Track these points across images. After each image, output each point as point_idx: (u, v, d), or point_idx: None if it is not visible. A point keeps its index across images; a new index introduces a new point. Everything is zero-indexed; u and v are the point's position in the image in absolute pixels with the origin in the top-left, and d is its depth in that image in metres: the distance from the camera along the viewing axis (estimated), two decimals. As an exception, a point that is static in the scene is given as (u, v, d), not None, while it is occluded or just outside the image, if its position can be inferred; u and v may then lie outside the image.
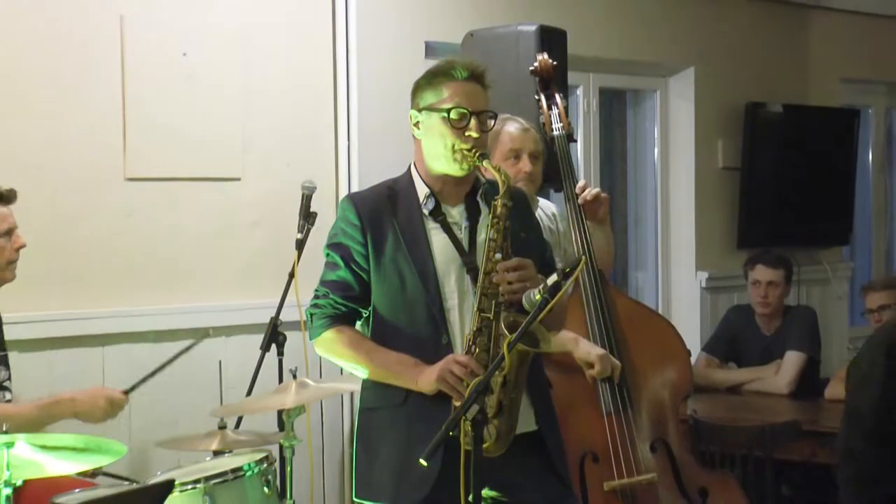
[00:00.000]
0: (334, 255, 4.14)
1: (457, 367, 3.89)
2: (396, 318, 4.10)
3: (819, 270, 8.89)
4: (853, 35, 9.15)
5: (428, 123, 4.08)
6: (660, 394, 5.34)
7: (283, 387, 4.93)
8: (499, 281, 3.91)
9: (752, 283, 7.24)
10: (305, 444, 5.35)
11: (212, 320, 5.95)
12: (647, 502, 5.20)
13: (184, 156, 5.99)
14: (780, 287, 7.17)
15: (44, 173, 5.40)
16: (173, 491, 4.23)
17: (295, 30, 6.37)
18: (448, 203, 4.13)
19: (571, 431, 4.90)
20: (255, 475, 4.62)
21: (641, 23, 7.85)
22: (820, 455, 6.24)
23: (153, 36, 5.87)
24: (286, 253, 5.47)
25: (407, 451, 3.93)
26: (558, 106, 5.44)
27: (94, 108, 5.72)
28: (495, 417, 3.83)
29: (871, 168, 9.69)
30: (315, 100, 6.46)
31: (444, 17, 6.77)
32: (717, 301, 8.13)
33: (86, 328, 5.64)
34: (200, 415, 5.16)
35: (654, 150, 8.31)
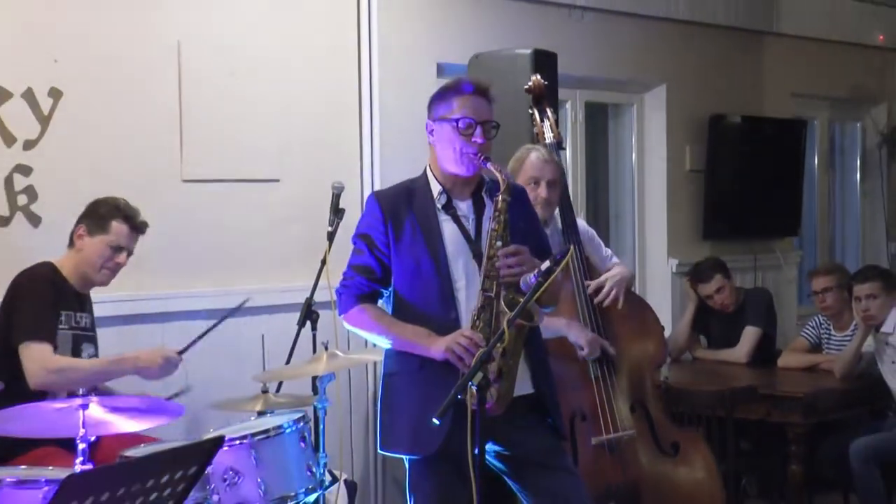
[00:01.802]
0: (360, 242, 4.17)
1: (463, 339, 3.92)
2: (412, 297, 4.12)
3: (773, 258, 8.88)
4: (802, 57, 9.15)
5: (440, 132, 4.10)
6: (638, 363, 5.35)
7: (317, 357, 4.94)
8: (500, 264, 3.93)
9: (705, 298, 7.27)
10: (335, 405, 5.35)
11: (255, 301, 5.95)
12: (628, 454, 5.21)
13: (232, 161, 5.99)
14: (726, 287, 7.21)
15: (113, 176, 5.40)
16: (223, 445, 4.26)
17: (326, 53, 6.36)
18: (458, 199, 4.15)
19: (563, 395, 4.87)
20: (293, 432, 4.62)
21: (621, 47, 7.84)
22: (774, 415, 6.25)
23: (205, 58, 5.87)
24: (318, 243, 5.46)
25: (422, 411, 3.93)
26: (549, 118, 5.44)
27: (156, 120, 5.72)
28: (496, 381, 3.84)
29: (817, 171, 9.66)
30: (343, 113, 6.45)
31: (453, 41, 6.77)
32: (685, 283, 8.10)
33: (149, 307, 5.66)
34: (246, 381, 5.16)
35: (632, 156, 8.29)
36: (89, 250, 4.88)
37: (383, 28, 6.51)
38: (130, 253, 4.95)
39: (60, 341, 4.77)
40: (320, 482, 4.69)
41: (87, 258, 4.89)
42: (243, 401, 4.89)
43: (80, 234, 4.89)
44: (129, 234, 4.92)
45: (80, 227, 4.89)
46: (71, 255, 4.91)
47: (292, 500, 4.57)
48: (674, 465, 5.30)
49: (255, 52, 6.06)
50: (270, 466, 4.50)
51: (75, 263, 4.90)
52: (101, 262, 4.89)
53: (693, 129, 8.32)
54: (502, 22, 7.03)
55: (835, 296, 6.89)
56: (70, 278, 4.89)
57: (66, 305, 4.84)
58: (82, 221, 4.90)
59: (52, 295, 4.79)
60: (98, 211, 4.90)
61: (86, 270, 4.91)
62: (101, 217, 4.88)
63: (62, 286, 4.85)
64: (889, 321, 6.40)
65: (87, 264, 4.90)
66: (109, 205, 4.92)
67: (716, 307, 7.20)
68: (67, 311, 4.84)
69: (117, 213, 4.89)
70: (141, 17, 5.67)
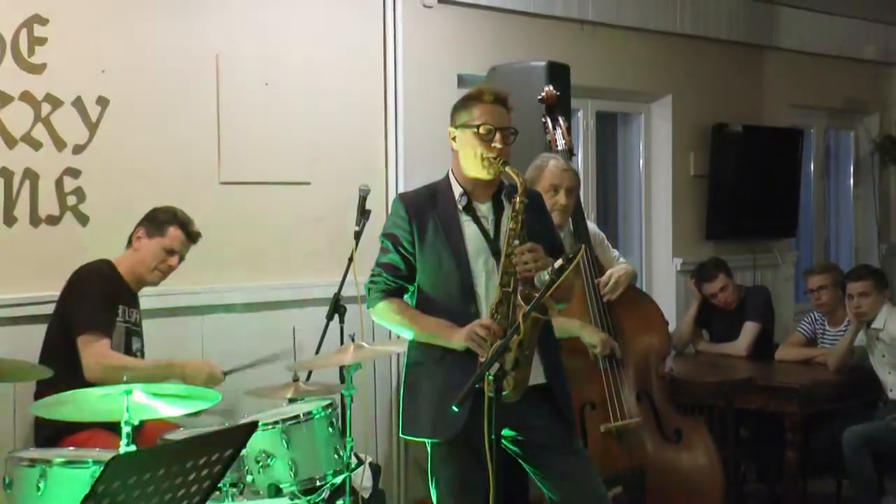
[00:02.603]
0: (387, 242, 4.17)
1: (481, 329, 3.92)
2: (435, 292, 4.12)
3: (771, 257, 8.86)
4: (799, 70, 9.12)
5: (462, 138, 4.10)
6: (644, 355, 5.35)
7: (344, 348, 4.94)
8: (517, 261, 3.93)
9: (708, 296, 7.24)
10: (361, 393, 5.35)
11: (287, 295, 5.98)
12: (634, 440, 5.22)
13: (265, 165, 5.99)
14: (728, 286, 7.17)
15: (155, 179, 5.42)
16: (257, 429, 4.27)
17: (354, 65, 6.36)
18: (478, 201, 4.14)
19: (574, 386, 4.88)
20: (322, 418, 4.63)
21: (629, 59, 7.83)
22: (771, 405, 6.23)
23: (241, 69, 5.88)
24: (346, 242, 5.47)
25: (442, 398, 3.94)
26: (561, 126, 5.44)
27: (195, 127, 5.73)
28: (512, 370, 3.84)
29: (813, 176, 9.63)
30: (369, 121, 6.45)
31: (474, 54, 6.76)
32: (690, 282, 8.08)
33: (189, 301, 5.66)
34: (278, 370, 5.17)
35: (640, 162, 8.28)
36: (145, 251, 4.95)
37: (408, 42, 6.52)
38: (182, 258, 5.02)
39: (115, 334, 4.81)
40: (347, 465, 4.70)
41: (143, 259, 4.96)
42: (276, 388, 4.90)
43: (139, 236, 4.97)
44: (184, 241, 5.03)
45: (140, 230, 4.98)
46: (128, 255, 4.99)
47: (321, 481, 4.58)
48: (677, 451, 5.30)
49: (287, 64, 6.06)
50: (300, 449, 4.51)
51: (131, 263, 4.97)
52: (155, 264, 4.97)
53: (697, 136, 8.31)
54: (518, 36, 7.03)
55: (829, 293, 6.87)
56: (125, 276, 4.95)
57: (122, 300, 4.92)
58: (142, 224, 5.00)
59: (110, 290, 4.86)
60: (157, 216, 5.01)
61: (140, 270, 4.98)
62: (159, 222, 4.98)
63: (118, 283, 4.92)
64: (880, 317, 6.39)
65: (142, 264, 4.97)
66: (168, 212, 5.03)
67: (719, 305, 7.18)
68: (123, 306, 4.91)
69: (175, 220, 5.00)
70: (182, 32, 5.68)
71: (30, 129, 5.17)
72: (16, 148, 5.13)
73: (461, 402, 3.67)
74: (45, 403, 4.21)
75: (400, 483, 6.49)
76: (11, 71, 5.10)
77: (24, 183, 5.16)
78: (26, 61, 5.15)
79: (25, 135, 5.16)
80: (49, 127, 5.23)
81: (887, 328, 6.36)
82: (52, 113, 5.23)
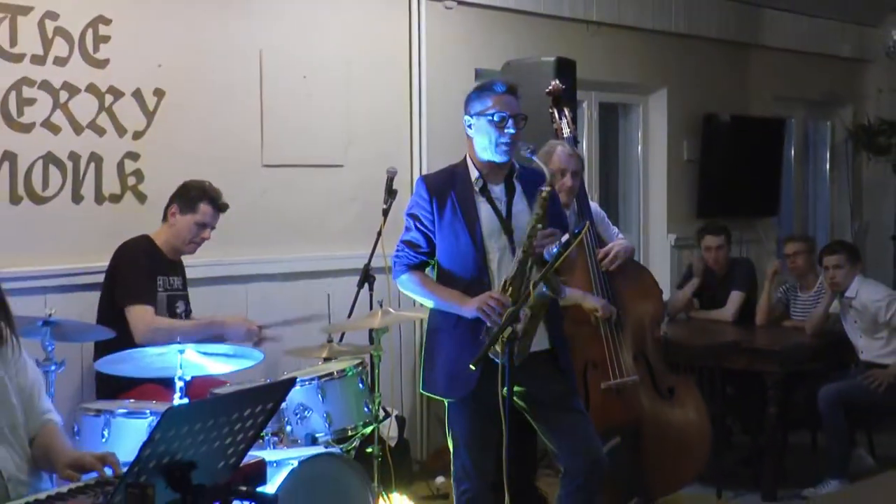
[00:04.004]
0: (410, 220, 4.15)
1: (491, 300, 3.91)
2: (452, 266, 4.10)
3: (755, 234, 8.85)
4: (782, 65, 9.07)
5: (477, 125, 4.07)
6: (640, 320, 5.33)
7: (373, 313, 4.94)
8: (537, 244, 3.91)
9: (704, 249, 7.19)
10: (388, 353, 5.36)
11: (322, 266, 5.99)
12: (631, 396, 5.20)
13: (304, 150, 5.99)
14: (724, 248, 7.12)
15: (204, 162, 5.41)
16: (296, 385, 4.29)
17: (382, 61, 6.35)
18: (492, 183, 4.12)
19: (577, 348, 4.90)
20: (353, 375, 4.65)
21: (629, 56, 7.80)
22: (754, 365, 6.21)
23: (282, 63, 5.87)
24: (375, 218, 5.47)
25: (455, 362, 3.95)
26: (566, 117, 5.40)
27: (240, 115, 5.73)
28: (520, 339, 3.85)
29: (793, 161, 9.60)
30: (396, 110, 6.44)
31: (489, 50, 6.74)
32: (682, 255, 8.10)
33: (234, 271, 5.68)
34: (314, 333, 5.18)
35: (638, 148, 8.25)
36: (180, 227, 4.92)
37: (430, 40, 6.50)
38: (213, 228, 4.99)
39: (157, 301, 4.81)
40: (375, 417, 4.72)
41: (178, 233, 4.93)
42: (312, 349, 4.91)
43: (173, 213, 4.93)
44: (213, 214, 4.97)
45: (173, 207, 4.93)
46: (164, 229, 4.95)
47: (352, 432, 4.60)
48: (670, 406, 5.30)
49: (323, 59, 6.05)
50: (334, 403, 4.53)
51: (167, 237, 4.94)
52: (190, 237, 4.94)
53: (689, 125, 8.28)
54: (530, 34, 7.00)
55: (803, 259, 6.84)
56: (163, 248, 4.92)
57: (161, 271, 4.88)
58: (175, 202, 4.93)
59: (149, 263, 4.83)
60: (188, 193, 4.94)
61: (176, 243, 4.95)
62: (190, 199, 4.92)
63: (156, 255, 4.89)
64: (852, 287, 6.36)
65: (178, 238, 4.93)
66: (197, 188, 4.95)
67: (709, 262, 7.12)
68: (162, 276, 4.87)
69: (204, 196, 4.93)
70: (229, 30, 5.67)
71: (95, 117, 5.18)
72: (82, 134, 5.14)
73: (477, 363, 3.68)
74: (108, 361, 4.24)
75: (422, 433, 6.51)
76: (79, 66, 5.11)
77: (89, 165, 5.17)
78: (92, 57, 5.15)
79: (91, 122, 5.17)
80: (112, 115, 5.24)
81: (859, 297, 6.34)
82: (114, 103, 5.24)
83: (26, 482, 3.22)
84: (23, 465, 3.22)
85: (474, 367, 3.67)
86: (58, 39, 5.04)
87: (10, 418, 3.23)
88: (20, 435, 3.26)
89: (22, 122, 4.95)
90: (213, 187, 4.97)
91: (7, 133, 4.91)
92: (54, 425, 3.40)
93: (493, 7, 6.84)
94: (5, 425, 3.21)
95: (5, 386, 3.25)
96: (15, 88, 4.92)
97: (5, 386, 3.25)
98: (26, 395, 3.34)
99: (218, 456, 2.91)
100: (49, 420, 3.39)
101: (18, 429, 3.26)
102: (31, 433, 3.32)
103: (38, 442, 3.31)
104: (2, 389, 3.24)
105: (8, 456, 3.17)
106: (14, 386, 3.29)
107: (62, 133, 5.08)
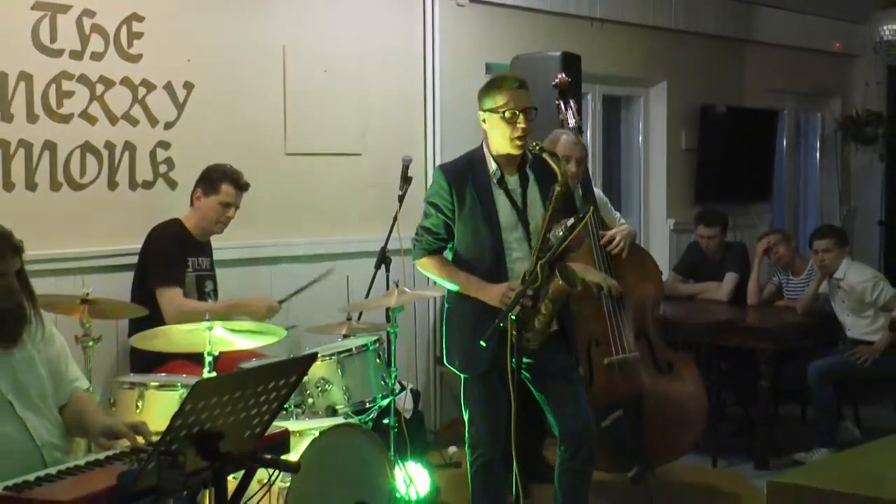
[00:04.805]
0: (430, 208, 4.12)
1: (511, 293, 3.88)
2: (470, 254, 4.08)
3: (749, 218, 8.80)
4: (775, 60, 9.02)
5: (491, 120, 4.03)
6: (641, 300, 5.32)
7: (389, 293, 4.93)
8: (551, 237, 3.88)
9: (698, 237, 7.18)
10: (404, 330, 5.37)
11: (342, 248, 5.98)
12: (633, 372, 5.19)
13: (324, 139, 5.98)
14: (718, 237, 7.08)
15: (230, 151, 5.39)
16: (317, 360, 4.29)
17: (398, 54, 6.33)
18: (507, 173, 4.08)
19: (583, 326, 4.90)
20: (371, 351, 4.64)
21: (631, 51, 7.76)
22: (748, 342, 6.19)
23: (304, 58, 5.86)
24: (391, 204, 5.46)
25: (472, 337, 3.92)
26: (572, 108, 5.38)
27: (265, 107, 5.72)
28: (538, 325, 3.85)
29: (785, 150, 9.55)
30: (411, 101, 6.42)
31: (499, 45, 6.70)
32: (680, 238, 8.06)
33: (260, 253, 5.68)
34: (334, 311, 5.18)
35: (639, 137, 8.22)
36: (206, 209, 4.91)
37: (443, 35, 6.48)
38: (237, 207, 4.97)
39: (187, 283, 4.81)
40: (391, 390, 4.71)
41: (205, 215, 4.92)
42: (332, 326, 4.91)
43: (198, 196, 4.92)
44: (236, 193, 4.95)
45: (198, 191, 4.93)
46: (192, 213, 4.95)
47: (370, 404, 4.60)
48: (669, 380, 5.28)
49: (342, 54, 6.03)
50: (353, 377, 4.52)
51: (196, 219, 4.94)
52: (216, 218, 4.93)
53: (688, 116, 8.24)
54: (538, 30, 6.97)
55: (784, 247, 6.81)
56: (192, 231, 4.93)
57: (190, 253, 4.88)
58: (199, 186, 4.93)
59: (179, 246, 4.83)
60: (210, 177, 4.93)
61: (204, 225, 4.94)
62: (212, 182, 4.91)
63: (186, 238, 4.89)
64: (840, 269, 6.33)
65: (205, 220, 4.93)
66: (219, 171, 4.95)
67: (704, 247, 7.11)
68: (192, 258, 4.88)
69: (225, 178, 4.92)
70: (254, 28, 5.66)
71: (128, 108, 5.18)
72: (117, 124, 5.14)
73: (488, 339, 3.68)
74: (142, 337, 4.26)
75: (435, 406, 6.52)
76: (114, 60, 5.10)
77: (123, 154, 5.17)
78: (126, 52, 5.15)
79: (125, 113, 5.16)
80: (144, 107, 5.23)
81: (846, 278, 6.32)
82: (146, 95, 5.23)
83: (60, 446, 3.23)
84: (54, 430, 3.24)
85: (484, 344, 3.67)
86: (94, 36, 5.04)
87: (39, 388, 3.25)
88: (49, 403, 3.28)
89: (61, 114, 4.95)
90: (233, 169, 4.97)
91: (47, 124, 4.91)
92: (83, 391, 3.41)
93: (502, 4, 6.80)
94: (35, 395, 3.22)
95: (33, 359, 3.27)
96: (55, 82, 4.92)
97: (33, 359, 3.27)
98: (54, 365, 3.35)
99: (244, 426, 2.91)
100: (77, 387, 3.40)
101: (48, 398, 3.27)
102: (61, 401, 3.33)
103: (70, 408, 3.33)
104: (31, 363, 3.26)
105: (40, 424, 3.19)
106: (42, 358, 3.30)
107: (98, 123, 5.08)
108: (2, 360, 3.19)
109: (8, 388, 3.16)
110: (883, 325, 6.24)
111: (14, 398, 3.16)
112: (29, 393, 3.20)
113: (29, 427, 3.16)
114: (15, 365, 3.21)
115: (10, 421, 3.14)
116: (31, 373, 3.24)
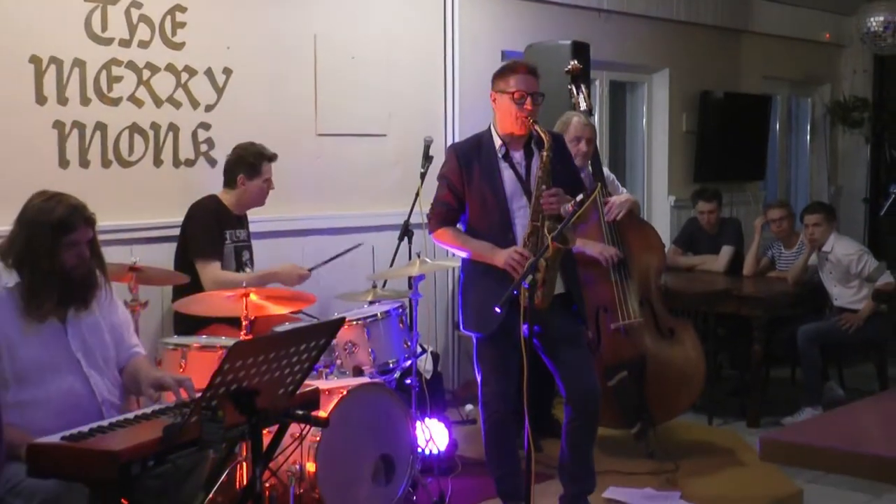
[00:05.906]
0: (443, 182, 4.13)
1: (515, 254, 3.91)
2: (479, 224, 4.09)
3: (744, 196, 8.76)
4: (769, 49, 8.95)
5: (500, 101, 4.05)
6: (646, 270, 5.29)
7: (411, 262, 4.93)
8: (544, 202, 3.90)
9: (698, 212, 7.14)
10: (425, 297, 5.36)
11: (368, 221, 5.96)
12: (637, 336, 5.19)
13: (352, 120, 5.95)
14: (715, 212, 7.05)
15: (266, 131, 5.37)
16: (344, 324, 4.29)
17: (420, 42, 6.29)
18: (513, 150, 4.09)
19: (591, 292, 4.89)
20: (394, 316, 4.65)
21: (636, 40, 7.70)
22: (742, 310, 6.17)
23: (334, 46, 5.83)
24: (413, 181, 5.45)
25: (485, 302, 3.91)
26: (583, 92, 5.36)
27: (298, 91, 5.70)
28: (542, 286, 3.83)
29: (778, 133, 9.48)
30: (432, 86, 6.38)
31: (514, 34, 6.66)
32: (680, 214, 8.02)
33: (292, 226, 5.67)
34: (361, 279, 5.18)
35: (643, 121, 8.17)
36: (252, 189, 4.89)
37: (462, 24, 6.44)
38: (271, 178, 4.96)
39: (226, 254, 4.81)
40: (413, 352, 4.72)
41: (253, 196, 4.90)
42: (359, 293, 4.91)
43: (242, 182, 4.87)
44: (271, 167, 4.92)
45: (241, 177, 4.85)
46: (234, 192, 4.89)
47: (394, 364, 4.61)
48: (670, 344, 5.27)
49: (369, 42, 6.00)
50: (378, 340, 4.53)
51: (238, 197, 4.89)
52: (264, 195, 4.93)
53: (688, 101, 8.18)
54: (550, 20, 6.92)
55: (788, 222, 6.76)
56: (230, 206, 4.89)
57: (229, 226, 4.86)
58: (241, 172, 4.86)
59: (217, 221, 4.81)
60: (247, 160, 4.87)
61: (249, 202, 4.93)
62: (251, 165, 4.87)
63: (223, 212, 4.87)
64: (829, 243, 6.30)
65: (255, 200, 4.92)
66: (253, 153, 4.89)
67: (702, 222, 7.08)
68: (230, 230, 4.86)
69: (262, 158, 4.90)
70: (288, 17, 5.63)
71: (172, 92, 5.16)
72: (162, 107, 5.13)
73: (503, 305, 3.67)
74: (184, 302, 4.27)
75: (453, 367, 6.52)
76: (159, 48, 5.09)
77: (168, 134, 5.16)
78: (170, 40, 5.13)
79: (169, 97, 5.15)
80: (187, 91, 5.22)
81: (834, 251, 6.28)
82: (189, 80, 5.22)
83: (116, 405, 3.27)
84: (114, 390, 3.29)
85: (500, 310, 3.66)
86: (141, 25, 5.02)
87: (103, 351, 3.30)
88: (112, 366, 3.33)
89: (111, 97, 4.95)
90: (261, 146, 4.93)
91: (99, 106, 4.91)
92: (141, 357, 3.44)
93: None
94: (100, 357, 3.27)
95: (99, 324, 3.30)
96: (105, 68, 4.91)
97: (99, 324, 3.30)
98: (117, 333, 3.38)
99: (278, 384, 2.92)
100: (136, 353, 3.45)
101: (110, 361, 3.33)
102: (120, 364, 3.37)
103: (128, 370, 3.37)
104: (98, 328, 3.29)
105: (102, 382, 3.23)
106: (107, 324, 3.33)
107: (145, 106, 5.07)
108: (74, 322, 3.24)
109: (77, 347, 3.22)
110: (867, 294, 6.21)
111: (82, 357, 3.22)
112: (94, 354, 3.25)
113: (92, 383, 3.20)
114: (84, 328, 3.25)
115: (78, 376, 3.19)
116: (97, 337, 3.28)
